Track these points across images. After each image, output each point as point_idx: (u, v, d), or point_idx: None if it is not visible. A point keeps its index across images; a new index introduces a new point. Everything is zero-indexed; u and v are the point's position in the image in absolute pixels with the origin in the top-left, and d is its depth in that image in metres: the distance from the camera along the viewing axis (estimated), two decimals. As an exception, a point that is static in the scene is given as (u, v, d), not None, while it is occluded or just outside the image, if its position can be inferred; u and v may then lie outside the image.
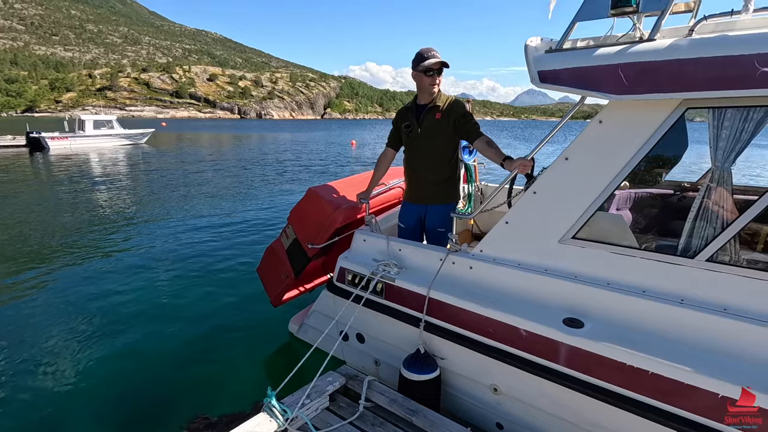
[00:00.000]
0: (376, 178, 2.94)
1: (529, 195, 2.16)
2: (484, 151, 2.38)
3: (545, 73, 1.98)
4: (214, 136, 42.10)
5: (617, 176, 1.92)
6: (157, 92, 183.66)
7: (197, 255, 6.00)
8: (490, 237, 2.32)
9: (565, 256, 2.08)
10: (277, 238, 3.43)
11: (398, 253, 2.66)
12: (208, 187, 11.92)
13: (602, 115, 1.93)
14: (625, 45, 1.80)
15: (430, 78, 2.55)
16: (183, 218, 8.21)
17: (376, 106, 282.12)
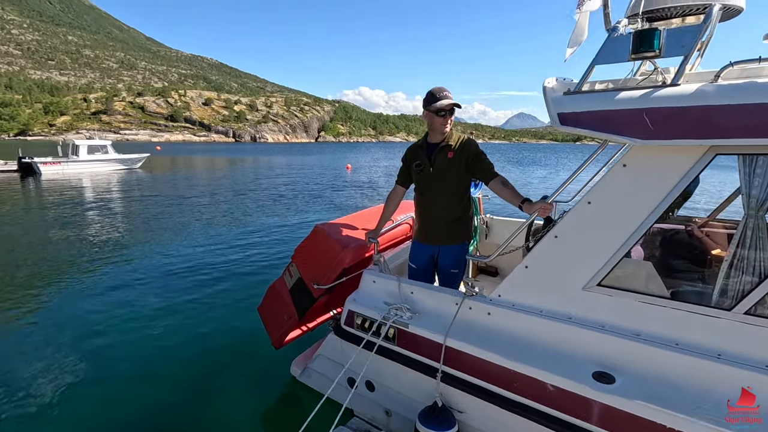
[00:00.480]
0: (385, 216, 2.85)
1: (550, 239, 2.08)
2: (499, 192, 2.31)
3: (565, 116, 1.93)
4: (209, 160, 42.11)
5: (645, 222, 1.84)
6: (152, 116, 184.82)
7: (192, 287, 5.81)
8: (509, 282, 2.22)
9: (590, 304, 1.99)
10: (280, 277, 3.31)
11: (410, 296, 2.55)
12: (203, 214, 11.76)
13: (626, 159, 1.88)
14: (648, 89, 1.76)
15: (441, 118, 2.51)
16: (177, 247, 8.02)
17: (370, 129, 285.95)
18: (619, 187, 1.91)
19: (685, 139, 1.66)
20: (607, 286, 1.95)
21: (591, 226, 1.97)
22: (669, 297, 1.83)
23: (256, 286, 5.71)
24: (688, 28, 1.74)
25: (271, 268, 6.56)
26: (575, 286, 2.02)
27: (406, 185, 2.80)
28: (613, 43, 1.89)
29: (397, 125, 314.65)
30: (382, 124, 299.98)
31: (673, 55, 1.77)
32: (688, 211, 2.74)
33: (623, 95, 1.80)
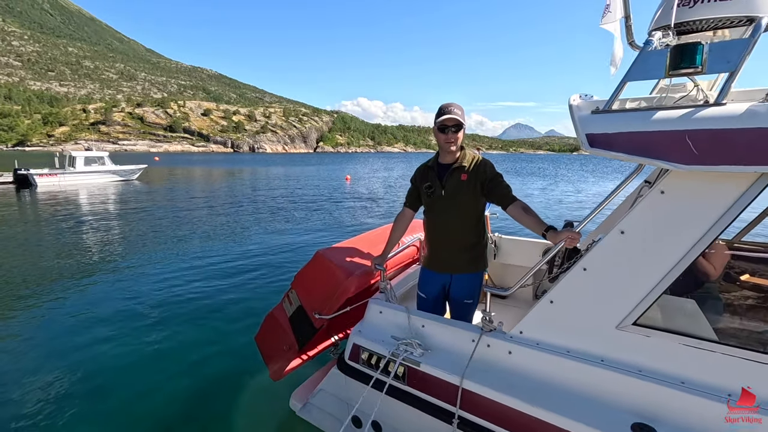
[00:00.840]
0: (392, 241, 2.66)
1: (578, 272, 1.89)
2: (520, 219, 2.12)
3: (595, 137, 1.75)
4: (207, 171, 41.95)
5: (687, 255, 1.65)
6: (151, 126, 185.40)
7: (185, 308, 5.56)
8: (532, 317, 2.02)
9: (625, 345, 1.79)
10: (279, 304, 3.10)
11: (421, 330, 2.34)
12: (199, 228, 11.54)
13: (664, 185, 1.69)
14: (689, 109, 1.59)
15: (444, 135, 2.33)
16: (171, 264, 7.78)
17: (368, 139, 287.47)
18: (657, 216, 1.72)
19: (735, 165, 1.49)
20: (644, 325, 1.75)
21: (625, 258, 1.78)
22: (717, 340, 1.64)
23: (252, 311, 5.42)
24: (735, 42, 1.57)
25: (269, 291, 6.25)
26: (608, 325, 1.82)
27: (415, 208, 2.61)
28: (647, 57, 1.72)
29: (396, 136, 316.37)
30: (380, 135, 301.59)
31: (717, 71, 1.60)
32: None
33: (661, 115, 1.63)
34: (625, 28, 2.16)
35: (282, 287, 6.25)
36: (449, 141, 2.33)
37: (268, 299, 5.81)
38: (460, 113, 2.31)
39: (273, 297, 5.83)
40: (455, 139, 2.33)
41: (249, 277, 6.96)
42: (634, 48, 2.15)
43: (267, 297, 5.95)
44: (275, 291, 6.20)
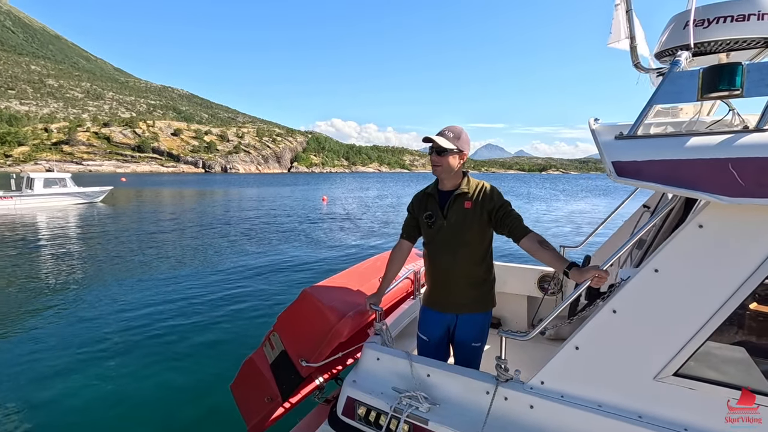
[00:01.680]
0: (389, 277, 2.40)
1: (607, 314, 1.68)
2: (537, 254, 1.91)
3: (623, 165, 1.57)
4: (177, 192, 40.63)
5: (733, 297, 1.47)
6: (118, 146, 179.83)
7: (151, 345, 5.07)
8: (554, 365, 1.79)
9: (666, 399, 1.58)
10: (258, 348, 2.75)
11: (426, 380, 2.07)
12: (168, 251, 10.91)
13: (702, 218, 1.52)
14: (730, 135, 1.43)
15: (432, 156, 2.16)
16: (137, 293, 7.21)
17: (343, 159, 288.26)
18: (696, 254, 1.54)
19: None
20: (687, 376, 1.55)
21: (661, 300, 1.59)
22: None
23: (226, 353, 4.90)
24: (776, 63, 1.44)
25: (246, 329, 5.70)
26: (644, 376, 1.61)
27: (413, 239, 2.37)
28: (676, 79, 1.57)
29: (370, 156, 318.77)
30: (354, 155, 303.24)
31: (756, 94, 1.46)
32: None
33: (697, 142, 1.47)
34: (630, 50, 2.04)
35: (261, 324, 5.77)
36: (432, 164, 2.16)
37: (244, 339, 5.31)
38: (451, 136, 2.12)
39: (251, 337, 5.35)
40: (438, 162, 2.14)
41: (223, 311, 6.41)
42: (640, 70, 2.02)
43: (243, 336, 5.45)
44: (253, 329, 5.69)
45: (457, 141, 2.11)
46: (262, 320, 5.93)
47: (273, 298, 6.97)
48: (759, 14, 1.69)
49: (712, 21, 1.77)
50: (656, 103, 1.62)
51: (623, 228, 3.42)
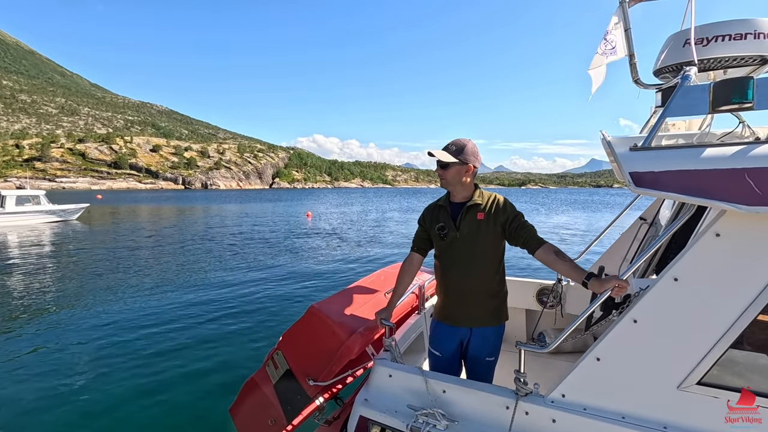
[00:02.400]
0: (400, 291, 2.35)
1: (628, 324, 1.68)
2: (553, 264, 1.91)
3: (641, 176, 1.60)
4: (156, 209, 39.71)
5: (754, 304, 1.50)
6: (94, 163, 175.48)
7: (135, 364, 4.84)
8: (575, 377, 1.77)
9: (690, 408, 1.57)
10: (261, 368, 2.65)
11: (442, 396, 2.02)
12: (151, 270, 10.57)
13: (719, 227, 1.55)
14: (744, 146, 1.48)
15: (437, 170, 2.20)
16: (114, 313, 6.91)
17: (325, 175, 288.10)
18: (714, 262, 1.57)
19: None
20: (712, 384, 1.55)
21: (682, 308, 1.60)
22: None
23: (223, 374, 4.65)
24: (784, 77, 1.50)
25: (242, 350, 5.47)
26: (668, 385, 1.61)
27: (424, 252, 2.35)
28: (688, 92, 1.62)
29: (353, 171, 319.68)
30: (337, 171, 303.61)
31: (766, 107, 1.52)
32: None
33: (712, 152, 1.51)
34: (629, 66, 2.11)
35: (259, 343, 5.57)
36: (442, 177, 2.19)
37: (239, 360, 5.12)
38: (454, 149, 2.14)
39: (246, 357, 5.16)
40: (443, 176, 2.18)
41: (214, 330, 6.17)
42: (640, 85, 2.09)
43: (238, 357, 5.23)
44: (248, 348, 5.49)
45: (459, 154, 2.13)
46: (261, 340, 5.73)
47: (266, 316, 6.80)
48: (755, 33, 1.77)
49: (711, 39, 1.84)
50: (669, 115, 1.67)
51: (622, 239, 3.48)
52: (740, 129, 1.70)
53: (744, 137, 1.61)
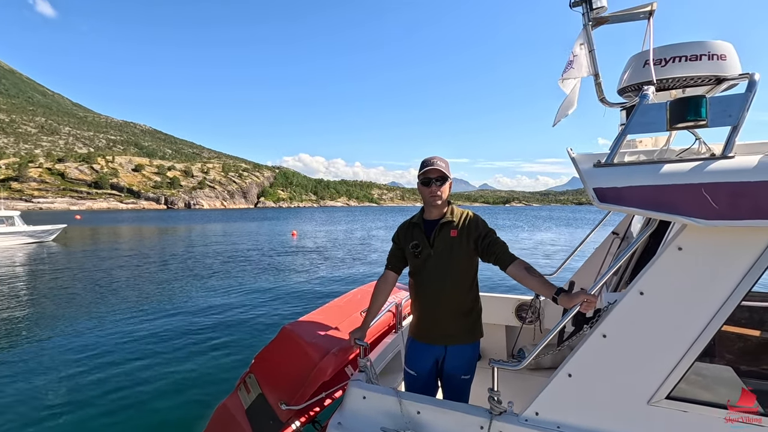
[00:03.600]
0: (374, 310, 2.33)
1: (598, 339, 1.68)
2: (524, 280, 1.92)
3: (605, 192, 1.63)
4: (137, 229, 38.87)
5: (717, 316, 1.52)
6: (73, 183, 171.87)
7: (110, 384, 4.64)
8: (548, 395, 1.76)
9: (661, 423, 1.57)
10: (233, 393, 2.56)
11: (416, 417, 1.97)
12: (128, 291, 10.26)
13: (681, 241, 1.58)
14: (700, 162, 1.52)
15: (428, 189, 2.16)
16: (90, 335, 6.66)
17: (311, 194, 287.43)
18: (677, 275, 1.59)
19: (757, 219, 1.41)
20: (680, 398, 1.56)
21: (648, 322, 1.61)
22: (763, 413, 1.47)
23: (195, 400, 4.52)
24: (734, 96, 1.57)
25: (216, 372, 5.31)
26: (638, 400, 1.60)
27: (399, 270, 2.33)
28: (647, 110, 1.67)
29: (338, 190, 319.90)
30: (323, 190, 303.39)
31: (719, 125, 1.57)
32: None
33: (671, 168, 1.55)
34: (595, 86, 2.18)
35: (233, 367, 5.41)
36: (434, 194, 2.15)
37: (215, 384, 4.95)
38: (444, 165, 2.16)
39: (222, 380, 4.99)
40: (440, 192, 2.15)
41: (190, 353, 5.99)
42: (605, 104, 2.16)
43: (213, 380, 5.07)
44: (225, 372, 5.33)
45: (448, 169, 2.16)
46: (233, 362, 5.58)
47: (245, 338, 6.63)
48: (709, 54, 1.86)
49: (669, 60, 1.92)
50: (629, 133, 1.71)
51: (595, 254, 3.52)
52: (697, 145, 1.76)
53: (701, 153, 1.66)
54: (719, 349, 1.79)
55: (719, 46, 1.82)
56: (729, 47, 1.76)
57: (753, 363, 1.91)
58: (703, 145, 1.69)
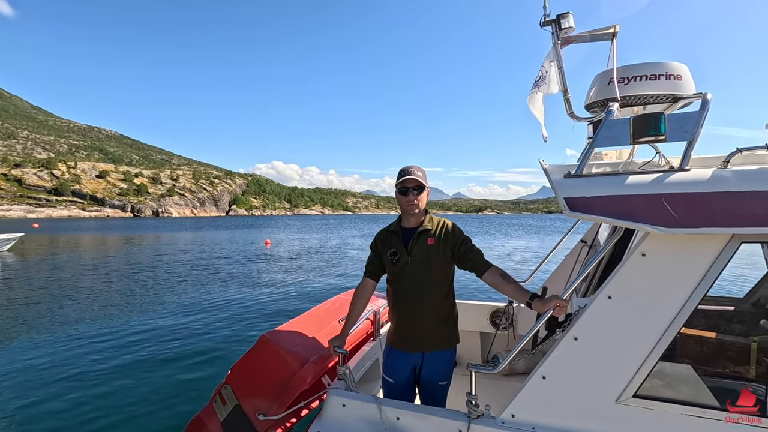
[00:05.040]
0: (353, 317, 2.34)
1: (569, 342, 1.76)
2: (499, 287, 1.98)
3: (575, 201, 1.73)
4: (100, 238, 37.22)
5: (677, 317, 1.63)
6: (31, 189, 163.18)
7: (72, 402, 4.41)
8: (523, 397, 1.82)
9: (629, 421, 1.66)
10: (207, 405, 2.51)
11: (396, 423, 1.99)
12: (91, 302, 9.80)
13: (645, 247, 1.69)
14: (660, 173, 1.64)
15: (405, 198, 2.21)
16: (50, 348, 6.32)
17: (284, 202, 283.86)
18: (642, 280, 1.70)
19: (711, 227, 1.53)
20: (646, 396, 1.65)
21: (616, 325, 1.71)
22: (719, 407, 1.58)
23: (168, 411, 4.35)
24: (690, 114, 1.70)
25: (188, 382, 5.16)
26: (607, 399, 1.69)
27: (377, 278, 2.37)
28: (612, 125, 1.79)
29: (313, 198, 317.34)
30: (297, 198, 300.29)
31: (677, 140, 1.70)
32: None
33: (634, 180, 1.66)
34: (564, 101, 2.30)
35: (207, 380, 5.24)
36: (411, 203, 2.20)
37: (187, 396, 4.79)
38: (421, 174, 2.21)
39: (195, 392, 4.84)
40: (418, 201, 2.20)
41: (160, 365, 5.76)
42: (574, 118, 2.28)
43: (186, 392, 4.91)
44: (197, 384, 5.16)
45: (425, 178, 2.21)
46: (207, 374, 5.41)
47: (218, 349, 6.45)
48: (666, 74, 2.00)
49: (631, 79, 2.05)
50: (597, 146, 1.82)
51: (565, 261, 3.66)
52: (657, 158, 1.88)
53: (661, 166, 1.78)
54: (680, 349, 1.90)
55: (675, 67, 1.96)
56: (684, 68, 1.90)
57: (710, 363, 2.04)
58: (663, 158, 1.81)
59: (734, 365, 1.95)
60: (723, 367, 2.00)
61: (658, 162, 1.87)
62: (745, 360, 1.93)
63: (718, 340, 2.12)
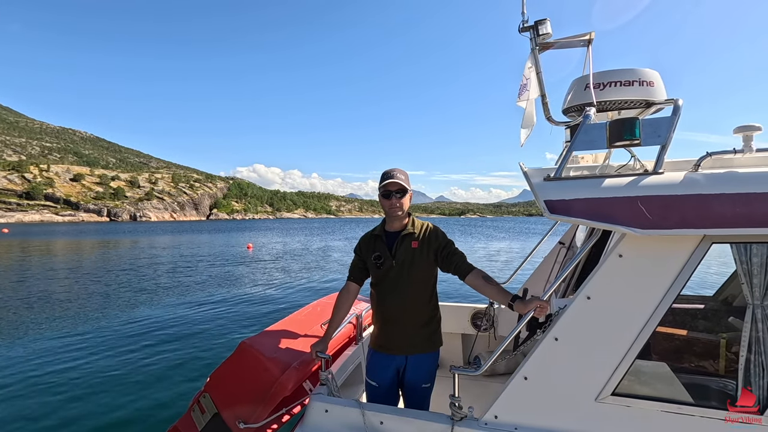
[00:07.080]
0: (336, 322, 2.32)
1: (550, 342, 1.79)
2: (482, 289, 2.00)
3: (554, 204, 1.76)
4: (73, 243, 36.02)
5: (653, 316, 1.67)
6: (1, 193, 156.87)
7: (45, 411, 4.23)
8: (506, 398, 1.83)
9: (608, 419, 1.69)
10: (185, 414, 2.45)
11: (380, 428, 1.98)
12: (56, 306, 9.46)
13: (621, 249, 1.73)
14: (634, 177, 1.68)
15: (389, 201, 2.22)
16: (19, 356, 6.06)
17: (267, 206, 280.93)
18: (619, 280, 1.73)
19: (684, 228, 1.57)
20: (624, 394, 1.68)
21: (595, 324, 1.74)
22: (692, 403, 1.62)
23: (145, 422, 4.22)
24: (662, 119, 1.75)
25: (166, 391, 5.03)
26: (587, 398, 1.71)
27: (360, 281, 2.35)
28: (589, 130, 1.83)
29: (295, 202, 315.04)
30: (279, 201, 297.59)
31: (650, 144, 1.75)
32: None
33: (611, 182, 1.70)
34: (541, 105, 2.35)
35: (185, 388, 5.12)
36: (394, 207, 2.20)
37: (165, 406, 4.66)
38: (404, 178, 2.22)
39: (173, 401, 4.71)
40: (400, 204, 2.21)
41: (135, 373, 5.60)
42: (552, 122, 2.33)
43: (164, 402, 4.77)
44: (175, 393, 5.03)
45: (407, 182, 2.22)
46: (185, 382, 5.28)
47: (198, 356, 6.31)
48: (639, 81, 2.06)
49: (606, 85, 2.11)
50: (575, 150, 1.86)
51: (544, 263, 3.72)
52: (632, 162, 1.94)
53: (636, 169, 1.83)
54: (654, 347, 1.95)
55: (647, 73, 2.02)
56: (656, 75, 1.96)
57: (683, 359, 2.10)
58: (637, 162, 1.86)
59: (705, 361, 2.02)
60: (695, 362, 2.07)
61: (633, 165, 1.92)
62: (715, 355, 1.99)
63: (690, 337, 2.19)
